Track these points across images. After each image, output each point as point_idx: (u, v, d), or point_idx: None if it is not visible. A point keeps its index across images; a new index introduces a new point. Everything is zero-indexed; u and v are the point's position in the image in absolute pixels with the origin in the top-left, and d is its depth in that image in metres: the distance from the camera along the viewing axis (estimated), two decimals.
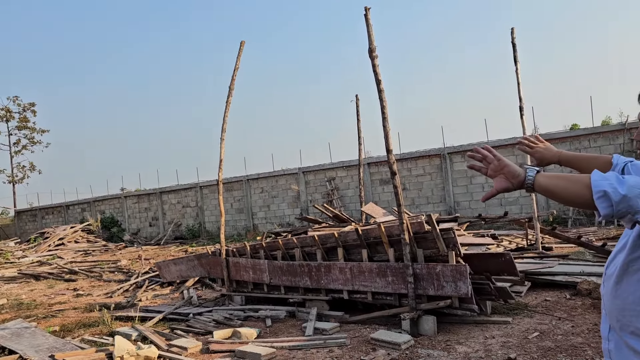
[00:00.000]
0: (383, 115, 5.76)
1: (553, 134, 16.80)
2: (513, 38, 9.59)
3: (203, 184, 25.33)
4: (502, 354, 4.66)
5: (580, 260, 8.51)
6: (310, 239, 6.99)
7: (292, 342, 5.51)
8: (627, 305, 1.68)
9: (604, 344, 1.82)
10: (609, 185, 1.44)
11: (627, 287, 1.68)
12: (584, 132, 16.25)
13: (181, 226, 26.13)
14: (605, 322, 1.82)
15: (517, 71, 9.57)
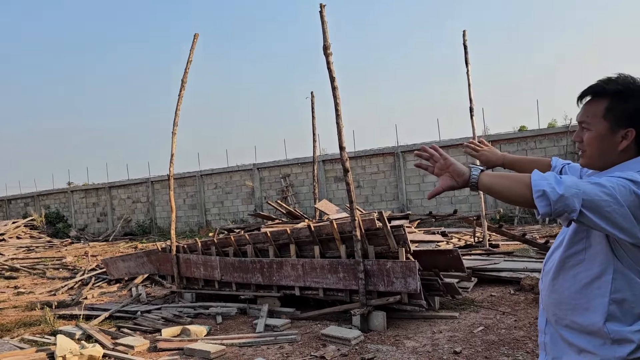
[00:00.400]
0: (337, 113, 5.78)
1: (502, 134, 17.36)
2: (464, 40, 9.82)
3: (154, 178, 24.76)
4: (449, 348, 4.78)
5: (525, 256, 8.83)
6: (263, 236, 6.95)
7: (243, 339, 5.47)
8: (563, 299, 1.74)
9: (540, 337, 1.89)
10: (547, 185, 1.48)
11: (563, 282, 1.75)
12: (531, 133, 16.86)
13: (131, 222, 25.47)
14: (542, 316, 1.88)
15: (468, 73, 9.81)
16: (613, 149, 1.66)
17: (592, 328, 1.65)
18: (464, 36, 9.85)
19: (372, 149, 19.29)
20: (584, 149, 1.73)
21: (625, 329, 1.61)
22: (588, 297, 1.67)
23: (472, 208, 16.60)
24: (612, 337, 1.62)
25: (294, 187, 20.78)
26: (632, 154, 1.66)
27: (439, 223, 14.68)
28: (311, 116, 12.13)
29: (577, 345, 1.70)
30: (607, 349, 1.63)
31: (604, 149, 1.68)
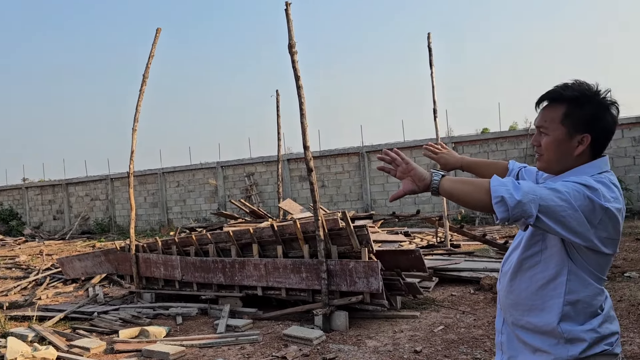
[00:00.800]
0: (301, 112, 5.75)
1: (465, 136, 17.69)
2: (429, 42, 9.95)
3: (114, 176, 24.16)
4: (409, 347, 4.82)
5: (485, 256, 9.01)
6: (225, 235, 6.86)
7: (203, 340, 5.38)
8: (520, 300, 1.77)
9: (497, 337, 1.92)
10: (506, 192, 1.51)
11: (520, 283, 1.78)
12: (492, 135, 17.24)
13: (89, 220, 24.78)
14: (499, 316, 1.91)
15: (432, 75, 9.94)
16: (569, 153, 1.70)
17: (546, 328, 1.68)
18: (428, 38, 9.98)
19: (337, 149, 19.34)
20: (542, 153, 1.76)
21: (577, 329, 1.65)
22: (544, 298, 1.70)
23: (435, 208, 16.85)
24: (565, 337, 1.65)
25: (258, 186, 20.64)
26: (586, 158, 1.71)
27: (402, 223, 14.83)
28: (276, 115, 12.06)
29: (532, 345, 1.73)
30: (560, 348, 1.66)
31: (560, 153, 1.71)
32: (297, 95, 5.79)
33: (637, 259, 8.33)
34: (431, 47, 9.95)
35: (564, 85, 1.72)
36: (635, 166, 14.90)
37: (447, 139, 17.44)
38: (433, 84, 9.95)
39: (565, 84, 1.71)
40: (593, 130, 1.67)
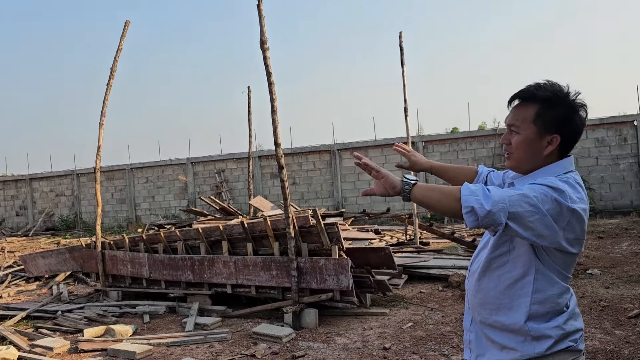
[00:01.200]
0: (272, 108, 5.71)
1: (434, 135, 17.90)
2: (401, 42, 10.02)
3: (80, 171, 23.59)
4: (378, 344, 4.85)
5: (453, 254, 9.14)
6: (194, 232, 6.77)
7: (171, 339, 5.30)
8: (488, 299, 1.79)
9: (466, 335, 1.94)
10: (476, 201, 1.53)
11: (488, 282, 1.80)
12: (462, 135, 17.49)
13: (54, 216, 24.14)
14: (468, 314, 1.93)
15: (404, 74, 10.01)
16: (539, 153, 1.72)
17: (514, 327, 1.71)
18: (400, 38, 10.04)
19: (309, 146, 19.32)
20: (511, 152, 1.78)
21: (544, 326, 1.68)
22: (512, 297, 1.73)
23: (405, 207, 17.00)
24: (532, 335, 1.68)
25: (228, 182, 20.46)
26: (554, 158, 1.73)
27: (372, 221, 14.91)
28: (247, 111, 11.96)
29: (499, 342, 1.76)
30: (527, 346, 1.69)
31: (530, 152, 1.73)
32: (269, 92, 5.75)
33: (599, 256, 8.59)
34: (402, 47, 10.01)
35: (536, 85, 1.73)
36: (598, 166, 15.35)
37: (417, 138, 17.62)
38: (404, 82, 10.02)
39: (538, 84, 1.73)
40: (563, 131, 1.69)
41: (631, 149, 15.07)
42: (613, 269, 7.49)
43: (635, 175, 14.97)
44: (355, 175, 18.47)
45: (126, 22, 7.65)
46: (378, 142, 18.39)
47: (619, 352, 4.23)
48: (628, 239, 10.27)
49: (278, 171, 5.84)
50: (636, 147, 14.96)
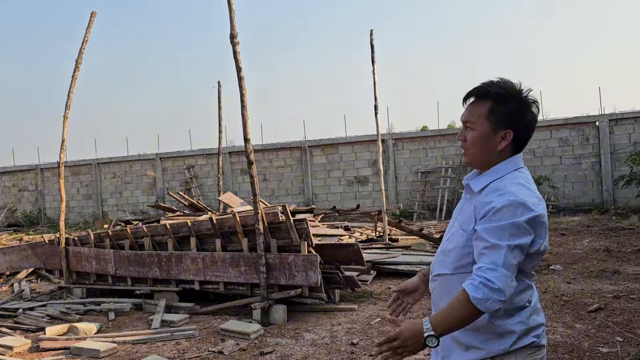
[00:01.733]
0: (242, 104, 5.67)
1: (405, 133, 18.07)
2: (372, 39, 10.07)
3: (45, 165, 22.96)
4: (346, 340, 4.88)
5: (421, 251, 9.25)
6: (162, 228, 6.68)
7: (136, 336, 5.22)
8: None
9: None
10: (492, 303, 1.56)
11: (454, 284, 1.80)
12: (431, 133, 17.71)
13: (16, 212, 23.45)
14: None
15: (374, 71, 10.07)
16: (493, 148, 1.76)
17: (479, 324, 1.72)
18: (371, 35, 10.09)
19: (280, 143, 19.27)
20: (467, 148, 1.82)
21: (507, 322, 1.71)
22: None
23: (375, 203, 17.13)
24: (496, 331, 1.71)
25: (198, 178, 20.24)
26: (508, 154, 1.78)
27: (342, 217, 14.99)
28: (217, 106, 11.85)
29: (464, 342, 1.77)
30: (492, 343, 1.72)
31: (485, 148, 1.77)
32: (239, 87, 5.70)
33: (562, 252, 8.83)
34: (373, 44, 10.07)
35: (490, 82, 1.77)
36: (562, 165, 15.76)
37: (387, 135, 17.76)
38: (375, 80, 10.08)
39: (492, 81, 1.77)
40: (515, 126, 1.74)
41: (593, 149, 15.52)
42: (575, 265, 7.71)
43: (597, 175, 15.44)
44: (326, 172, 18.52)
45: (92, 13, 7.47)
46: (349, 139, 18.47)
47: (579, 345, 4.36)
48: (589, 236, 10.59)
49: (248, 167, 5.80)
50: (598, 147, 15.43)
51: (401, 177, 17.77)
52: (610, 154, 15.19)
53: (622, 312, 5.21)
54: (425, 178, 17.17)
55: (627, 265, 7.51)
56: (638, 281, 6.49)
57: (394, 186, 17.63)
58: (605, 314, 5.18)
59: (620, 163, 14.80)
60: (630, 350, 4.17)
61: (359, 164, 18.18)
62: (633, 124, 15.20)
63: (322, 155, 18.64)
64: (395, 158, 17.74)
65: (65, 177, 17.04)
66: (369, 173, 17.91)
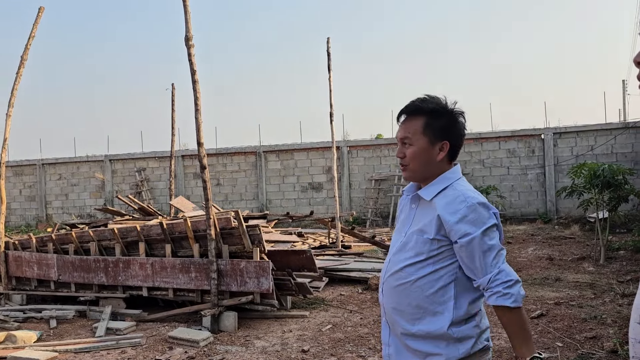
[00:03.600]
0: (196, 107, 5.59)
1: (359, 141, 18.27)
2: (328, 47, 10.15)
3: None
4: (297, 347, 4.86)
5: (373, 257, 9.35)
6: (109, 232, 6.47)
7: (79, 344, 5.03)
8: (409, 309, 1.84)
9: (385, 350, 1.95)
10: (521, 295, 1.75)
11: (408, 293, 1.84)
12: (385, 141, 17.98)
13: None
14: (385, 328, 1.96)
15: (330, 79, 10.15)
16: (433, 160, 1.86)
17: (438, 332, 1.77)
18: (327, 43, 10.17)
19: (234, 147, 19.08)
20: (407, 164, 1.90)
21: (464, 327, 1.77)
22: (435, 305, 1.79)
23: (329, 210, 17.21)
24: (455, 337, 1.76)
25: (149, 182, 19.76)
26: (446, 163, 1.89)
27: (296, 224, 14.98)
28: (171, 109, 11.63)
29: (423, 351, 1.80)
30: (452, 348, 1.77)
31: (425, 161, 1.87)
32: (193, 90, 5.62)
33: (507, 260, 8.95)
34: (330, 52, 10.15)
35: (420, 99, 1.89)
36: (509, 175, 16.32)
37: (342, 143, 17.90)
38: (330, 87, 10.16)
39: (422, 98, 1.89)
40: (450, 137, 1.86)
41: (538, 160, 16.16)
42: (519, 272, 7.98)
43: (542, 185, 16.07)
44: (280, 177, 18.47)
45: (40, 9, 7.20)
46: (304, 145, 18.50)
47: None
48: (533, 244, 11.00)
49: (200, 171, 5.72)
50: (542, 159, 16.07)
51: (355, 184, 17.93)
52: (554, 166, 15.86)
53: (563, 318, 5.43)
54: (378, 185, 17.39)
55: (568, 272, 7.84)
56: (578, 288, 6.78)
57: (348, 193, 17.77)
58: (547, 320, 5.38)
59: (563, 175, 15.46)
60: (570, 355, 4.34)
61: (314, 171, 18.23)
62: (575, 138, 15.93)
63: (277, 160, 18.58)
64: (350, 165, 17.90)
65: (7, 178, 16.32)
66: (324, 180, 17.99)
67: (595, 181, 8.65)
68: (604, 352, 4.33)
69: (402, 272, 1.84)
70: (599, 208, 9.12)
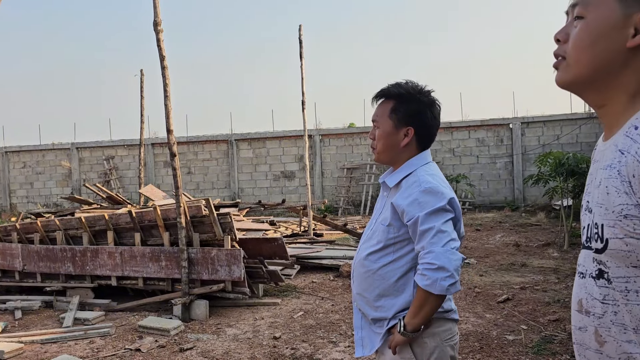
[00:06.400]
0: (165, 94, 5.50)
1: (332, 129, 18.30)
2: (300, 35, 10.09)
3: None
4: (269, 334, 4.88)
5: (345, 245, 9.42)
6: (77, 221, 6.34)
7: (46, 335, 4.93)
8: (373, 295, 1.89)
9: (357, 334, 2.00)
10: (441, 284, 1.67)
11: (374, 279, 1.89)
12: (358, 130, 18.06)
13: None
14: (357, 314, 2.01)
15: (302, 67, 10.10)
16: (397, 144, 1.89)
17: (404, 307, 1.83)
18: (299, 31, 10.11)
19: (206, 135, 18.88)
20: (375, 146, 1.94)
21: None
22: (397, 292, 1.84)
23: (302, 198, 17.22)
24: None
25: (118, 170, 19.41)
26: (413, 149, 1.91)
27: (268, 212, 14.96)
28: (140, 96, 11.40)
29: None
30: None
31: (389, 144, 1.90)
32: (162, 76, 5.52)
33: (476, 247, 9.31)
34: (302, 40, 10.09)
35: (395, 83, 1.91)
36: (479, 164, 16.61)
37: (314, 131, 17.89)
38: (302, 76, 10.11)
39: (397, 83, 1.91)
40: (415, 124, 1.88)
41: (506, 149, 16.48)
42: (487, 259, 8.16)
43: (509, 174, 16.41)
44: (253, 166, 18.38)
45: None
46: (276, 133, 18.42)
47: (488, 334, 4.63)
48: (501, 231, 11.25)
49: (170, 159, 5.64)
50: (511, 148, 16.39)
51: (327, 172, 17.98)
52: (521, 155, 16.20)
53: (527, 302, 5.59)
54: (350, 174, 17.47)
55: (533, 258, 8.05)
56: (542, 273, 6.98)
57: (320, 181, 17.81)
58: (513, 304, 5.53)
59: (530, 163, 15.81)
60: (533, 337, 4.48)
61: (286, 159, 18.19)
62: (542, 127, 16.29)
63: (249, 149, 18.47)
64: (322, 154, 17.92)
65: None
66: (296, 168, 17.97)
67: (560, 169, 8.88)
68: (566, 333, 4.48)
69: (366, 260, 1.89)
70: (563, 196, 9.37)
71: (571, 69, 1.04)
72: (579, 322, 1.09)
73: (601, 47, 0.98)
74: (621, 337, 0.99)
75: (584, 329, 1.08)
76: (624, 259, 0.96)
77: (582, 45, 1.01)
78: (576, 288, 1.11)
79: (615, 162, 0.97)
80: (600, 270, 1.02)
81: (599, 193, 1.01)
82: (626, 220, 0.93)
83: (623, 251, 0.95)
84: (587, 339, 1.07)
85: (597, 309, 1.03)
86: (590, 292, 1.05)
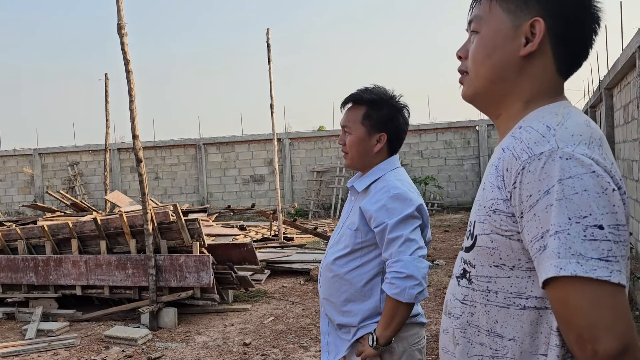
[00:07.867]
0: (130, 98, 5.41)
1: (301, 133, 18.29)
2: (268, 38, 10.06)
3: None
4: (239, 340, 4.84)
5: (315, 249, 9.42)
6: (39, 230, 6.16)
7: (7, 348, 4.78)
8: (340, 300, 1.89)
9: (323, 339, 2.00)
10: (410, 292, 1.68)
11: (341, 284, 1.90)
12: (327, 133, 18.09)
13: None
14: (324, 319, 2.01)
15: (270, 70, 10.07)
16: (369, 150, 1.88)
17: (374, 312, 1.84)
18: (267, 34, 10.08)
19: (173, 140, 18.61)
20: (346, 151, 1.93)
21: None
22: (364, 297, 1.84)
23: (272, 202, 17.15)
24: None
25: (83, 176, 18.95)
26: (385, 155, 1.91)
27: (237, 217, 14.84)
28: (105, 100, 11.19)
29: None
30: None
31: (362, 150, 1.89)
32: (127, 80, 5.43)
33: (444, 248, 9.44)
34: (270, 43, 10.07)
35: (365, 89, 1.90)
36: (446, 166, 16.86)
37: (284, 135, 17.85)
38: (271, 79, 10.08)
39: (366, 88, 1.90)
40: (388, 129, 1.88)
41: (474, 151, 16.78)
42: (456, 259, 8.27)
43: (477, 175, 16.71)
44: (222, 170, 18.22)
45: None
46: (245, 137, 18.31)
47: None
48: None
49: (136, 164, 5.55)
50: (477, 150, 16.70)
51: (297, 176, 17.96)
52: (488, 156, 16.51)
53: None
54: (320, 177, 17.49)
55: None
56: None
57: (290, 185, 17.77)
58: None
59: None
60: None
61: (255, 163, 18.10)
62: None
63: (218, 153, 18.30)
64: (292, 157, 17.90)
65: None
66: (265, 172, 17.90)
67: None
68: None
69: (334, 264, 1.89)
70: None
71: (472, 82, 1.06)
72: (443, 325, 1.09)
73: (496, 58, 1.01)
74: (474, 339, 0.98)
75: (446, 332, 1.07)
76: (489, 256, 0.95)
77: (479, 59, 1.04)
78: (448, 295, 1.12)
79: (495, 159, 0.99)
80: (464, 270, 1.02)
81: (479, 191, 1.02)
82: (494, 215, 0.94)
83: (489, 248, 0.95)
84: (447, 342, 1.06)
85: (457, 310, 1.03)
86: (453, 292, 1.06)
